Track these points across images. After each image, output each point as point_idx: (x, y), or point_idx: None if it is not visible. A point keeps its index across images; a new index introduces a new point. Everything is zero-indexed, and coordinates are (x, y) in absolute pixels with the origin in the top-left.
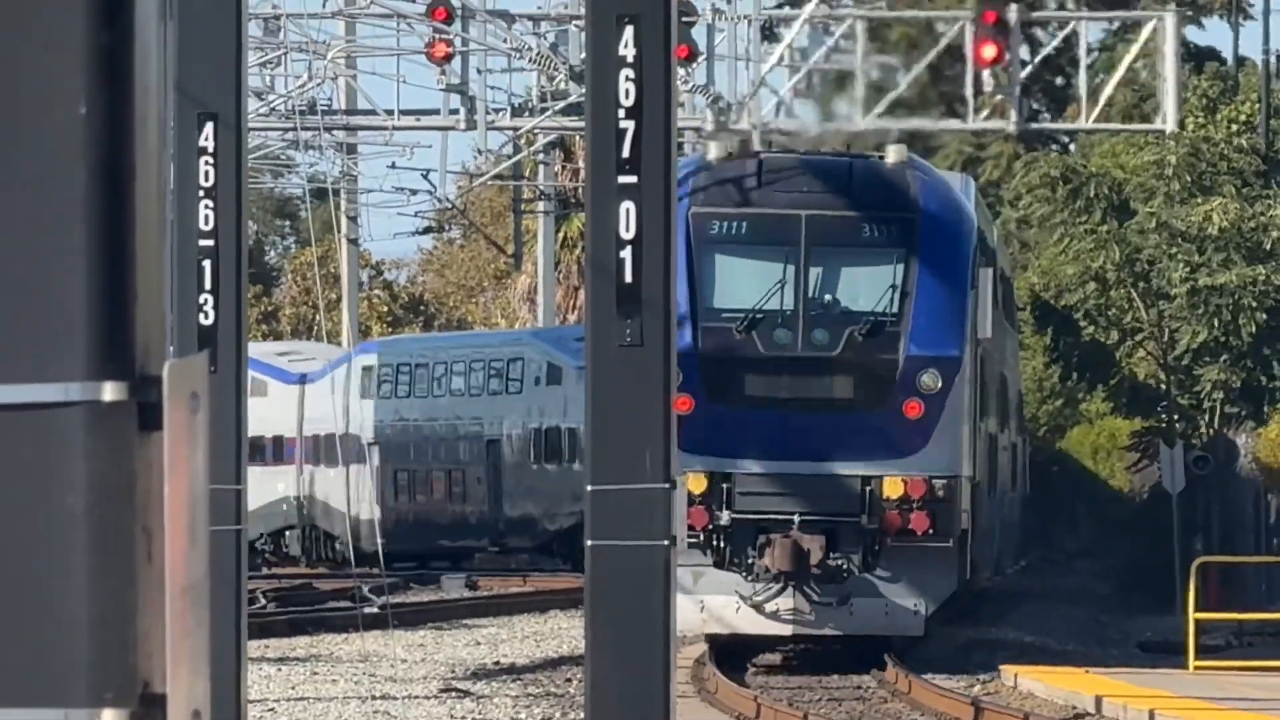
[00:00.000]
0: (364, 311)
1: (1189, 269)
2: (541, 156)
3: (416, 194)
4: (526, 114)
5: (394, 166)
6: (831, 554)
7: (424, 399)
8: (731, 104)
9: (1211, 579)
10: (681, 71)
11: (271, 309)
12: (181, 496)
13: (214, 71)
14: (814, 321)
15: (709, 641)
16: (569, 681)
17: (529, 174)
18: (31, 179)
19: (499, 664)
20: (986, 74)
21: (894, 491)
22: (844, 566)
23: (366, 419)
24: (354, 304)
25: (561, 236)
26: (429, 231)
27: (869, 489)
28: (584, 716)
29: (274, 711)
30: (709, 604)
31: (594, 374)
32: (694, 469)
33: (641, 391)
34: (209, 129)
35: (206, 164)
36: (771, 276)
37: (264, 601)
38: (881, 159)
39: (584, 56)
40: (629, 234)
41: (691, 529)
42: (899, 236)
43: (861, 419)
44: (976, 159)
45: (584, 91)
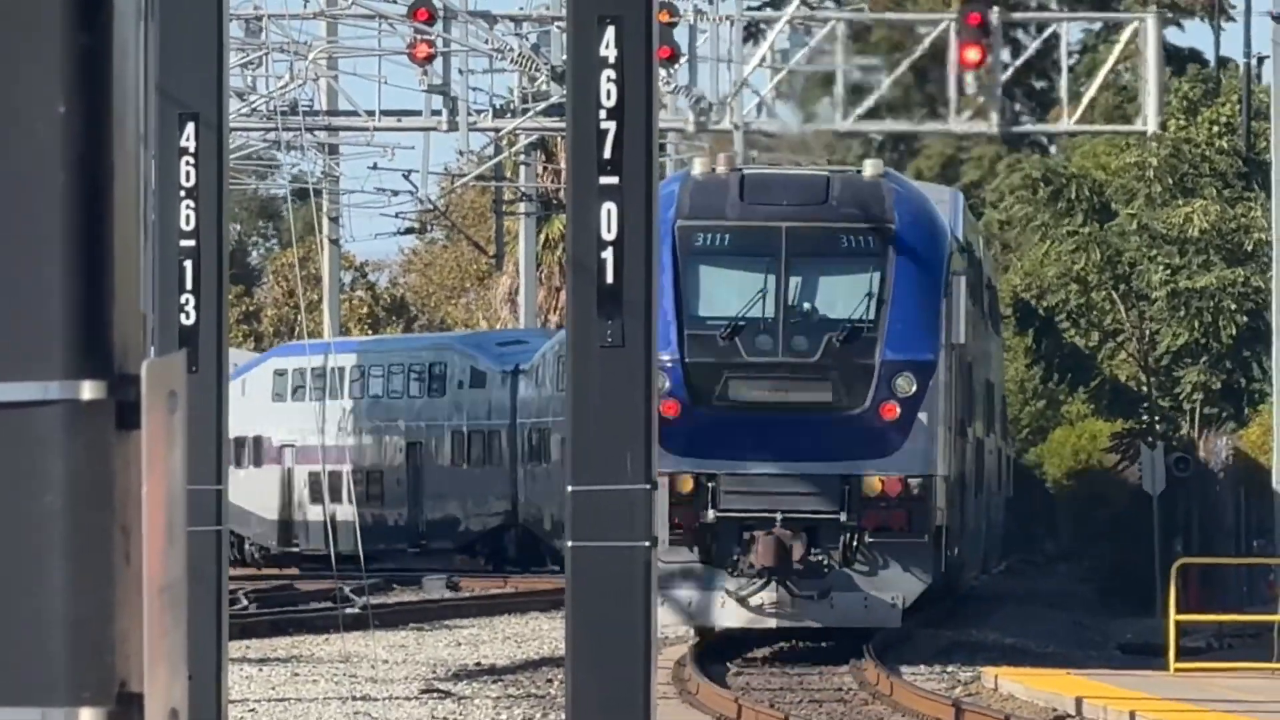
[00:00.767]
0: (346, 313)
1: (1169, 271)
2: (523, 157)
3: (398, 195)
4: (508, 115)
5: (375, 167)
6: (813, 550)
7: (339, 401)
8: (713, 104)
9: (1192, 581)
10: (664, 72)
11: (253, 309)
12: (160, 495)
13: (195, 72)
14: (794, 328)
15: (699, 634)
16: (550, 682)
17: (510, 175)
18: (10, 179)
19: (480, 665)
20: (969, 76)
21: (872, 490)
22: (824, 562)
23: (281, 422)
24: (335, 304)
25: (543, 237)
26: (410, 232)
27: (848, 488)
28: (564, 717)
29: (255, 712)
30: (695, 600)
31: (575, 375)
32: (681, 470)
33: (623, 393)
34: (190, 129)
35: (188, 164)
36: (753, 286)
37: (245, 602)
38: (859, 173)
39: (565, 57)
40: (610, 235)
41: (679, 527)
42: (875, 247)
43: (840, 421)
44: (959, 160)
45: (565, 92)
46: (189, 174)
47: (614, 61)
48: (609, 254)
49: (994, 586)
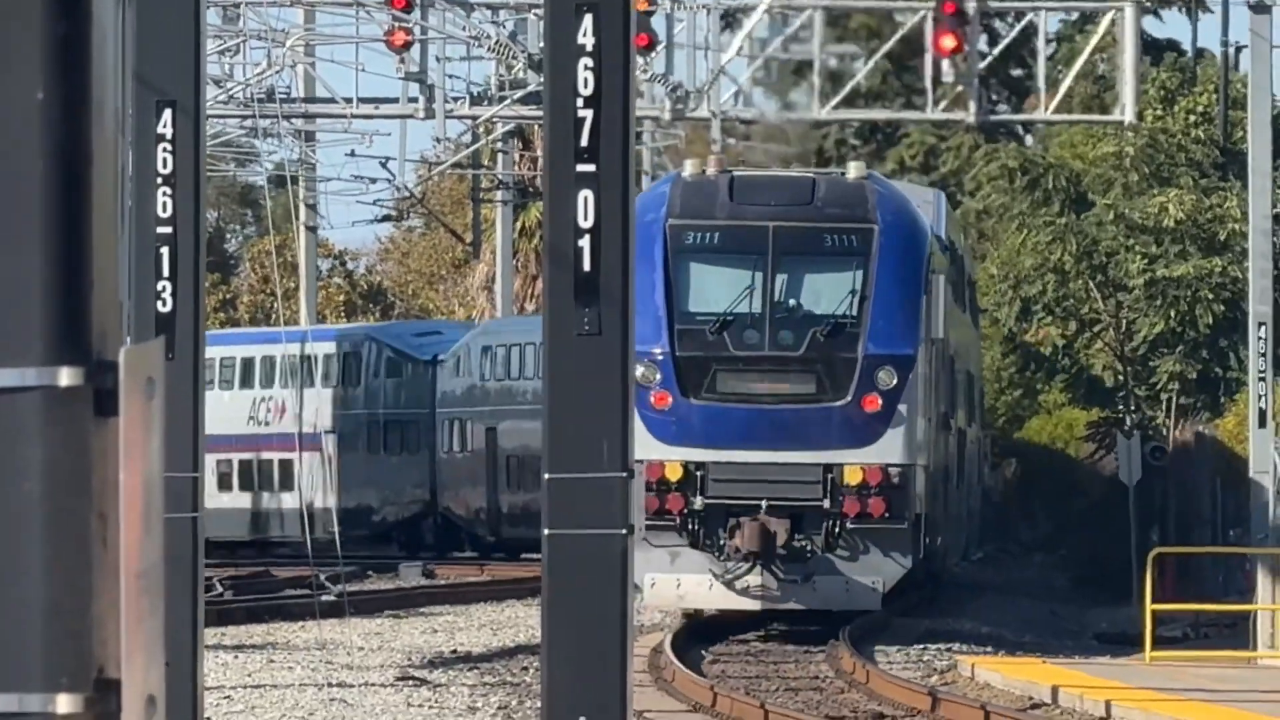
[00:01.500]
0: (322, 300)
1: (1146, 261)
2: (500, 145)
3: (375, 182)
4: (485, 103)
5: (353, 154)
6: (796, 535)
7: (251, 391)
8: (690, 93)
9: (1168, 570)
10: (641, 60)
11: (230, 297)
12: (137, 482)
13: (172, 59)
14: (780, 323)
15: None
16: (525, 670)
17: (488, 163)
18: None
19: (456, 652)
20: (946, 64)
21: (853, 478)
22: (807, 547)
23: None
24: (312, 292)
25: (520, 225)
26: (388, 220)
27: (830, 476)
28: (540, 705)
29: (230, 699)
30: (684, 581)
31: (551, 363)
32: (671, 459)
33: (599, 380)
34: (167, 116)
35: (165, 151)
36: (741, 282)
37: (220, 589)
38: (843, 175)
39: (542, 45)
40: (587, 223)
41: (669, 513)
42: (858, 246)
43: (823, 412)
44: (936, 150)
45: (542, 80)
46: (166, 161)
47: (591, 49)
48: (586, 242)
49: (971, 576)
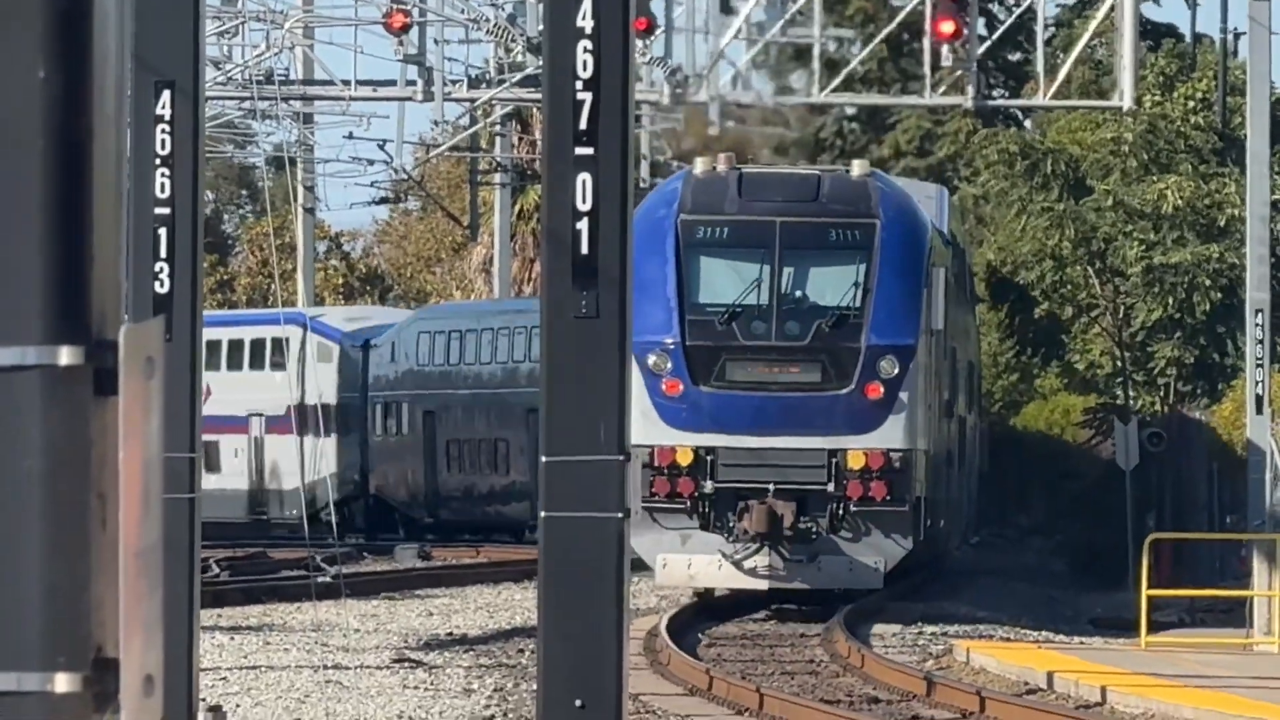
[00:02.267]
0: (320, 282)
1: (1144, 247)
2: (498, 128)
3: (373, 164)
4: (483, 85)
5: (351, 137)
6: (802, 518)
7: None
8: (689, 76)
9: (1164, 556)
10: (640, 44)
11: (227, 278)
12: (136, 461)
13: (171, 40)
14: (786, 315)
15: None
16: (521, 652)
17: (486, 145)
18: None
19: (451, 634)
20: (944, 49)
21: (856, 463)
22: (813, 529)
23: None
24: (310, 274)
25: (518, 208)
26: (385, 202)
27: (835, 461)
28: (536, 687)
29: (226, 680)
30: (695, 562)
31: (549, 346)
32: (682, 444)
33: (596, 363)
34: (166, 97)
35: (163, 132)
36: (749, 275)
37: (217, 570)
38: (847, 172)
39: (541, 27)
40: (585, 206)
41: (680, 496)
42: (861, 240)
43: (828, 400)
44: (934, 135)
45: (541, 63)
46: (164, 142)
47: (590, 32)
48: (584, 225)
49: (967, 560)
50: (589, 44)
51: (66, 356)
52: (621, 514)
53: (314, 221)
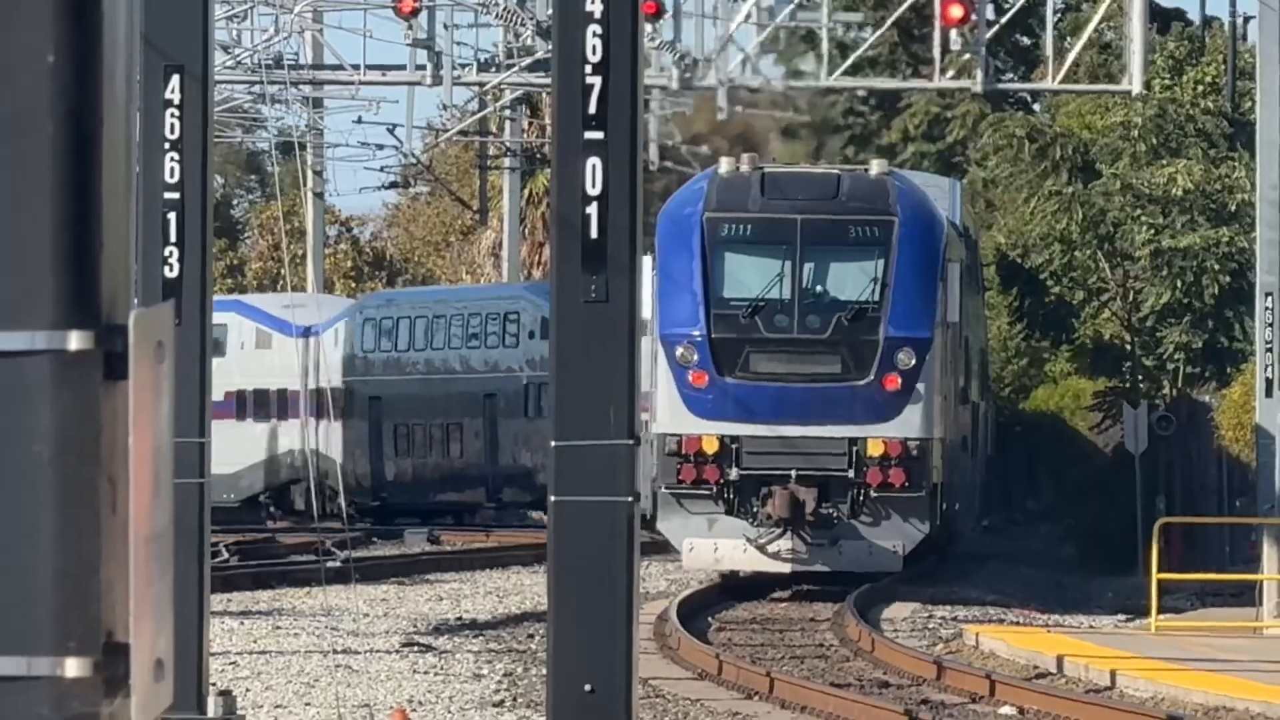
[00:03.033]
0: (329, 267)
1: (1153, 231)
2: (508, 112)
3: (383, 149)
4: (493, 70)
5: (360, 121)
6: (823, 503)
7: None
8: (698, 61)
9: (1174, 540)
10: (649, 28)
11: (237, 263)
12: (146, 446)
13: (181, 24)
14: (808, 308)
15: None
16: (531, 637)
17: (495, 130)
18: None
19: (461, 619)
20: (953, 33)
21: (875, 451)
22: (834, 514)
23: None
24: (319, 258)
25: (527, 192)
26: (394, 187)
27: (855, 449)
28: (546, 672)
29: (236, 664)
30: (721, 545)
31: (559, 330)
32: (708, 433)
33: (606, 348)
34: (175, 81)
35: (172, 116)
36: (772, 271)
37: (226, 555)
38: (866, 171)
39: (551, 12)
40: (595, 190)
41: (706, 482)
42: (879, 236)
43: (848, 390)
44: (944, 119)
45: (551, 47)
46: (173, 126)
47: (600, 16)
48: (593, 209)
49: (976, 545)
50: (598, 28)
51: (76, 341)
52: (631, 498)
53: (323, 206)
